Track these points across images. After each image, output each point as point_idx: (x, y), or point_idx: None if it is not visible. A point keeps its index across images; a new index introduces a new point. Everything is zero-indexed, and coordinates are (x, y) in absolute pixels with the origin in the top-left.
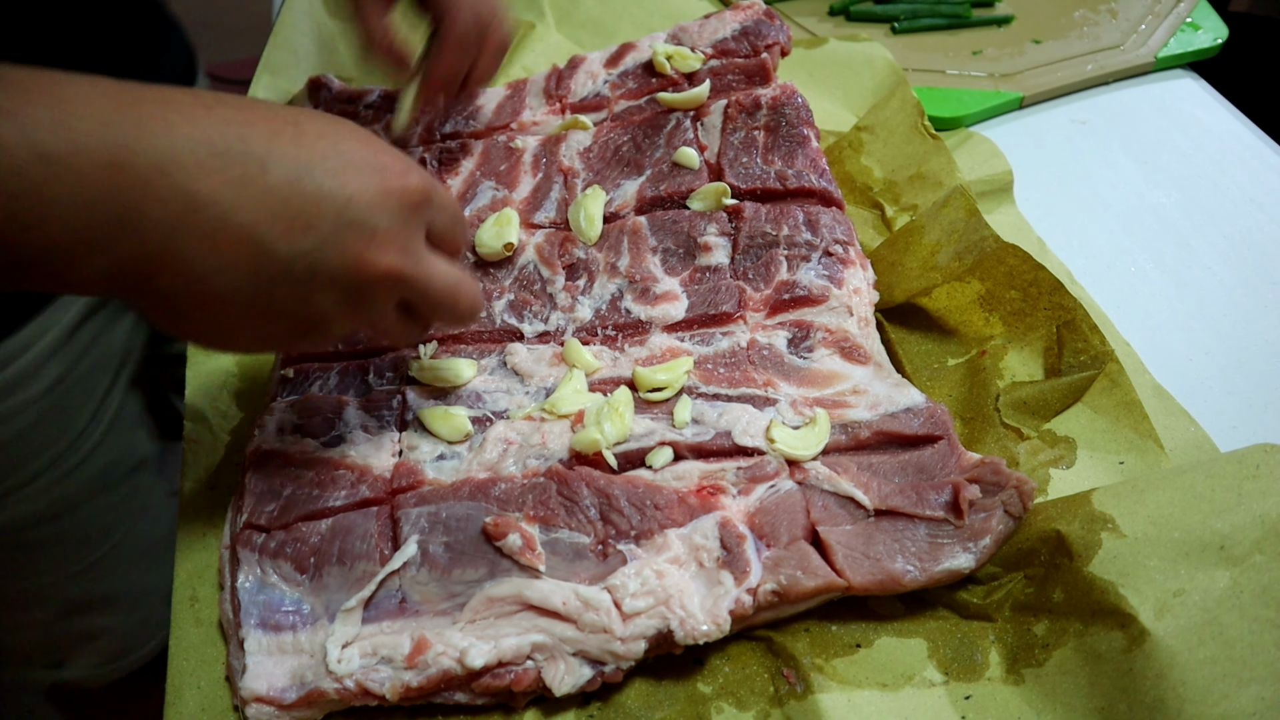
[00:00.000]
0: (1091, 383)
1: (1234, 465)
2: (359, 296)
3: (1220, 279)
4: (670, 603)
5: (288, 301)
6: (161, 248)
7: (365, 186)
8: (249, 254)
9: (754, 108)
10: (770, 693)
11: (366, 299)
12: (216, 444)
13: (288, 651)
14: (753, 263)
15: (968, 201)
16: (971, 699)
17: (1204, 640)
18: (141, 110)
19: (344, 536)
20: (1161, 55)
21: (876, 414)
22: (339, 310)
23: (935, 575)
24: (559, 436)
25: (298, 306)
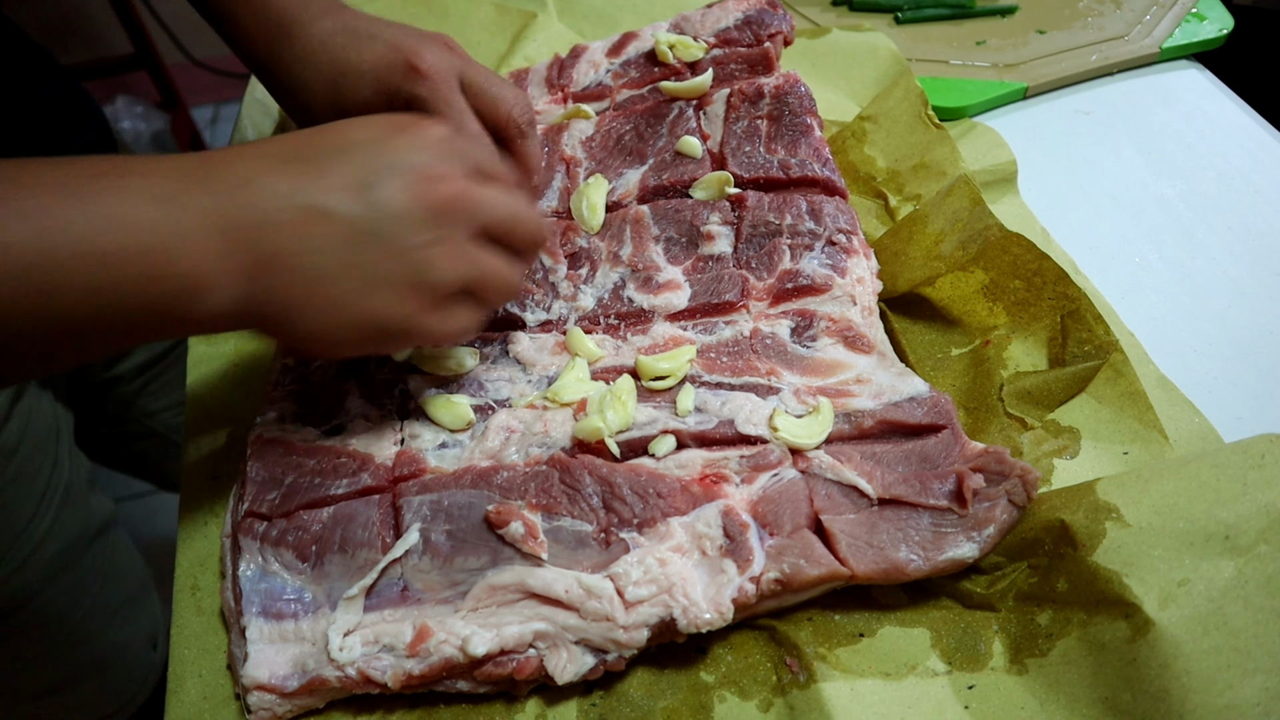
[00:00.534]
0: (1096, 373)
1: (1239, 455)
2: (436, 230)
3: (1225, 270)
4: (673, 591)
5: (380, 259)
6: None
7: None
8: (326, 224)
9: (757, 97)
10: (773, 682)
11: (445, 230)
12: (218, 433)
13: (289, 640)
14: (756, 252)
15: (972, 190)
16: (975, 689)
17: (1208, 630)
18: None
19: (346, 524)
20: (1166, 46)
21: (880, 403)
22: (427, 252)
23: (939, 564)
24: (561, 425)
25: (389, 262)
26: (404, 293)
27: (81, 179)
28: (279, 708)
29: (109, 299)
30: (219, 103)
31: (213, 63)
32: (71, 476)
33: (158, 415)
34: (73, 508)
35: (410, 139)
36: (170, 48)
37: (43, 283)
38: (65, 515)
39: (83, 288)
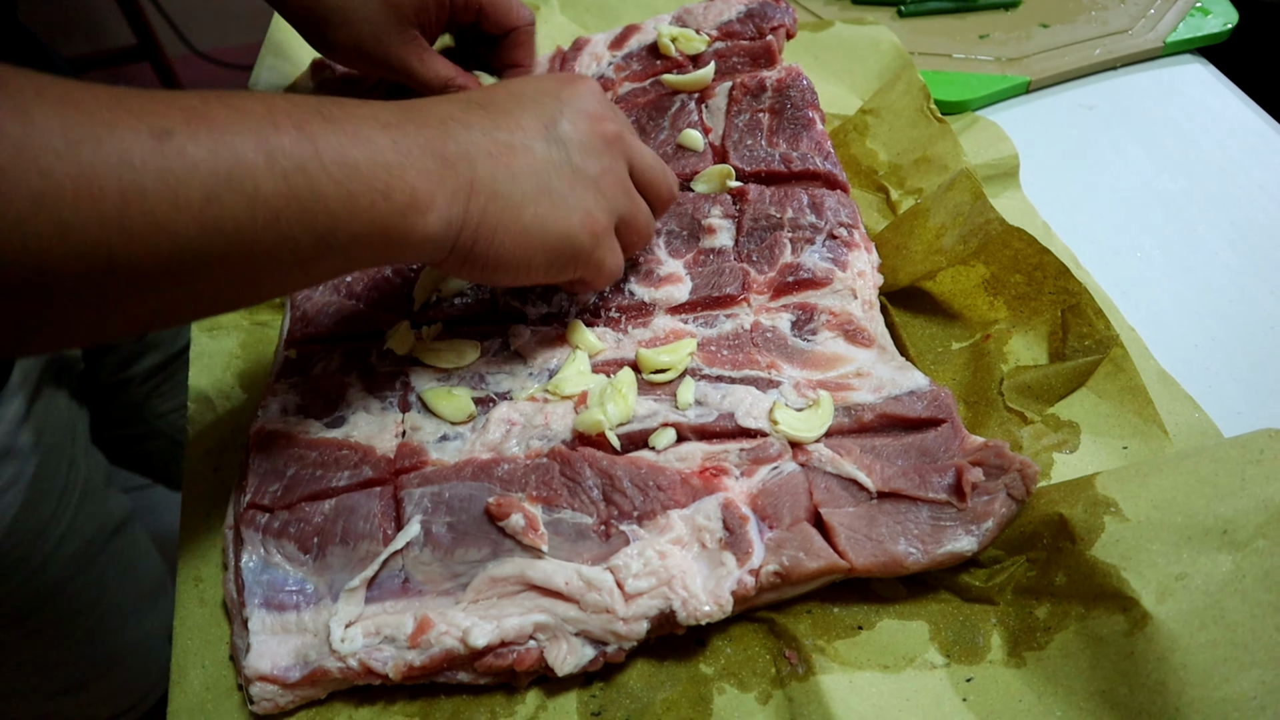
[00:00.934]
0: (1096, 367)
1: (1238, 450)
2: (607, 159)
3: (1227, 265)
4: (673, 583)
5: (564, 182)
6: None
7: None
8: (523, 156)
9: (759, 90)
10: (772, 674)
11: (611, 161)
12: (220, 425)
13: (291, 631)
14: (756, 245)
15: (973, 184)
16: (973, 681)
17: (1206, 624)
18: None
19: (347, 516)
20: (1170, 40)
21: (880, 397)
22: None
23: (937, 557)
24: (562, 417)
25: (572, 184)
26: (584, 218)
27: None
28: (281, 698)
29: (355, 207)
30: None
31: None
32: (89, 475)
33: (166, 416)
34: (91, 506)
35: (577, 89)
36: (173, 39)
37: (305, 188)
38: (83, 514)
39: (336, 197)
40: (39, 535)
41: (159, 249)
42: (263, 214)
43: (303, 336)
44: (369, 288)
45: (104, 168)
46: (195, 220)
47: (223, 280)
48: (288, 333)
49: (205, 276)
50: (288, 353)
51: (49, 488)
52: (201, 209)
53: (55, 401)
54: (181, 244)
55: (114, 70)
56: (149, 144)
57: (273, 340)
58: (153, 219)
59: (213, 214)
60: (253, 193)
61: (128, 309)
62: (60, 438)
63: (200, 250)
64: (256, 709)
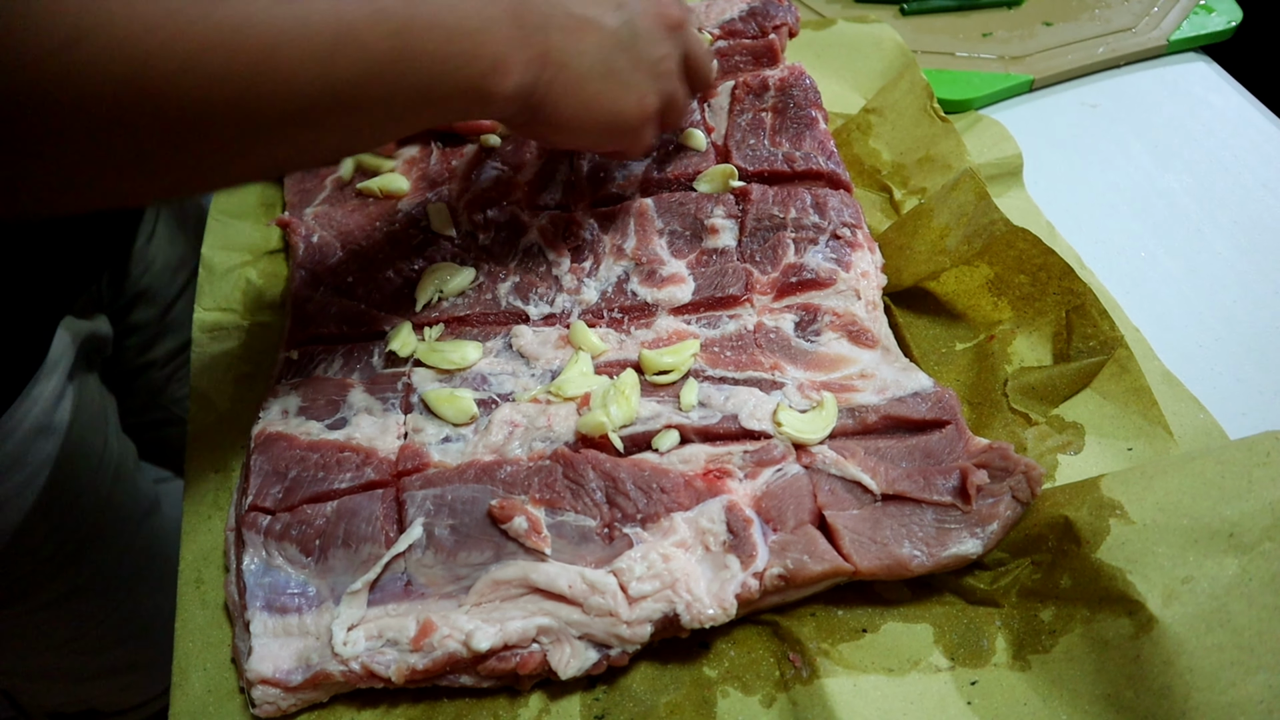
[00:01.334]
0: (1100, 368)
1: (1244, 452)
2: (668, 47)
3: (1231, 265)
4: (676, 586)
5: (626, 64)
6: (544, 47)
7: None
8: (594, 33)
9: (761, 89)
10: (776, 677)
11: (671, 49)
12: (221, 427)
13: (293, 634)
14: (760, 245)
15: (977, 184)
16: (977, 684)
17: (1212, 628)
18: None
19: (349, 519)
20: (1174, 38)
21: (884, 398)
22: (662, 65)
23: (942, 560)
24: (565, 419)
25: (634, 66)
26: (638, 100)
27: None
28: (283, 701)
29: (445, 69)
30: None
31: None
32: (121, 457)
33: (182, 402)
34: (124, 487)
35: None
36: None
37: (407, 47)
38: (117, 494)
39: (432, 55)
40: (78, 511)
41: (289, 97)
42: (374, 68)
43: (304, 337)
44: (370, 288)
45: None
46: (317, 71)
47: (340, 126)
48: (289, 334)
49: (327, 122)
50: (289, 354)
51: (86, 465)
52: (325, 60)
53: (88, 383)
54: (307, 92)
55: None
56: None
57: (273, 341)
58: (284, 70)
59: (334, 65)
60: (363, 49)
61: (268, 150)
62: (94, 417)
63: (324, 97)
64: (258, 712)
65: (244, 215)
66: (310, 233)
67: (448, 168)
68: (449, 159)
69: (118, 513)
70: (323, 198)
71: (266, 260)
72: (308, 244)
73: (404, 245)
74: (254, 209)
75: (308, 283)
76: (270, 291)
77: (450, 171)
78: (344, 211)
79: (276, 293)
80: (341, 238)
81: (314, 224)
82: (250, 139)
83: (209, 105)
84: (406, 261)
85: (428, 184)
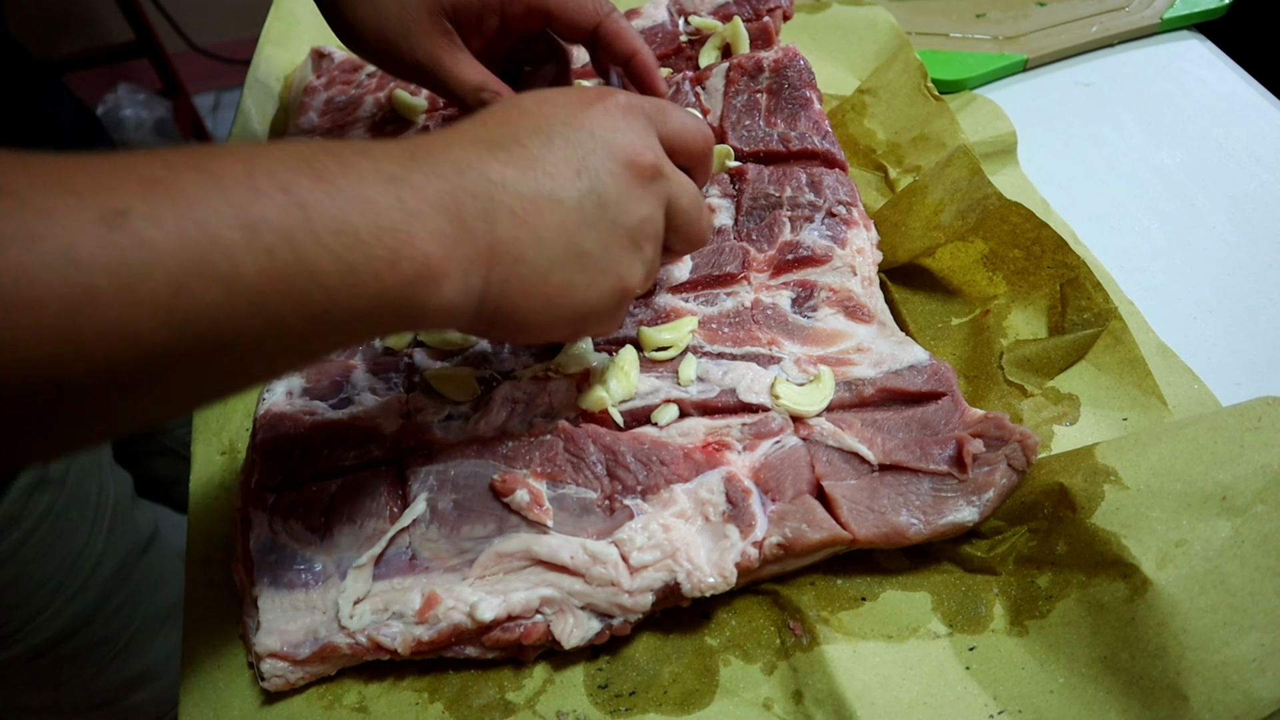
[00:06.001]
0: (1095, 340)
1: (1236, 418)
2: (642, 206)
3: (1224, 238)
4: (677, 556)
5: (597, 242)
6: (490, 240)
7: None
8: (551, 213)
9: (756, 70)
10: (776, 645)
11: (648, 202)
12: (226, 410)
13: (300, 609)
14: (756, 224)
15: (971, 160)
16: (975, 650)
17: (1205, 589)
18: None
19: (354, 495)
20: (1167, 16)
21: (880, 371)
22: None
23: (939, 528)
24: (565, 395)
25: (607, 242)
26: (614, 283)
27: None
28: (291, 675)
29: (355, 281)
30: (220, 89)
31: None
32: (117, 495)
33: (172, 432)
34: (122, 527)
35: (611, 117)
36: (171, 35)
37: (294, 265)
38: (116, 535)
39: (332, 272)
40: (77, 559)
41: (116, 357)
42: (244, 300)
43: None
44: None
45: (42, 269)
46: (160, 318)
47: (198, 378)
48: None
49: (176, 378)
50: None
51: (83, 512)
52: (168, 304)
53: None
54: (144, 347)
55: (113, 67)
56: (98, 232)
57: None
58: (106, 323)
59: (182, 308)
60: (230, 277)
61: (86, 425)
62: (87, 460)
63: (168, 351)
64: (267, 686)
65: None
66: None
67: None
68: None
69: (117, 553)
70: None
71: None
72: None
73: None
74: None
75: None
76: None
77: None
78: None
79: None
80: None
81: None
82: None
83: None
84: None
85: None
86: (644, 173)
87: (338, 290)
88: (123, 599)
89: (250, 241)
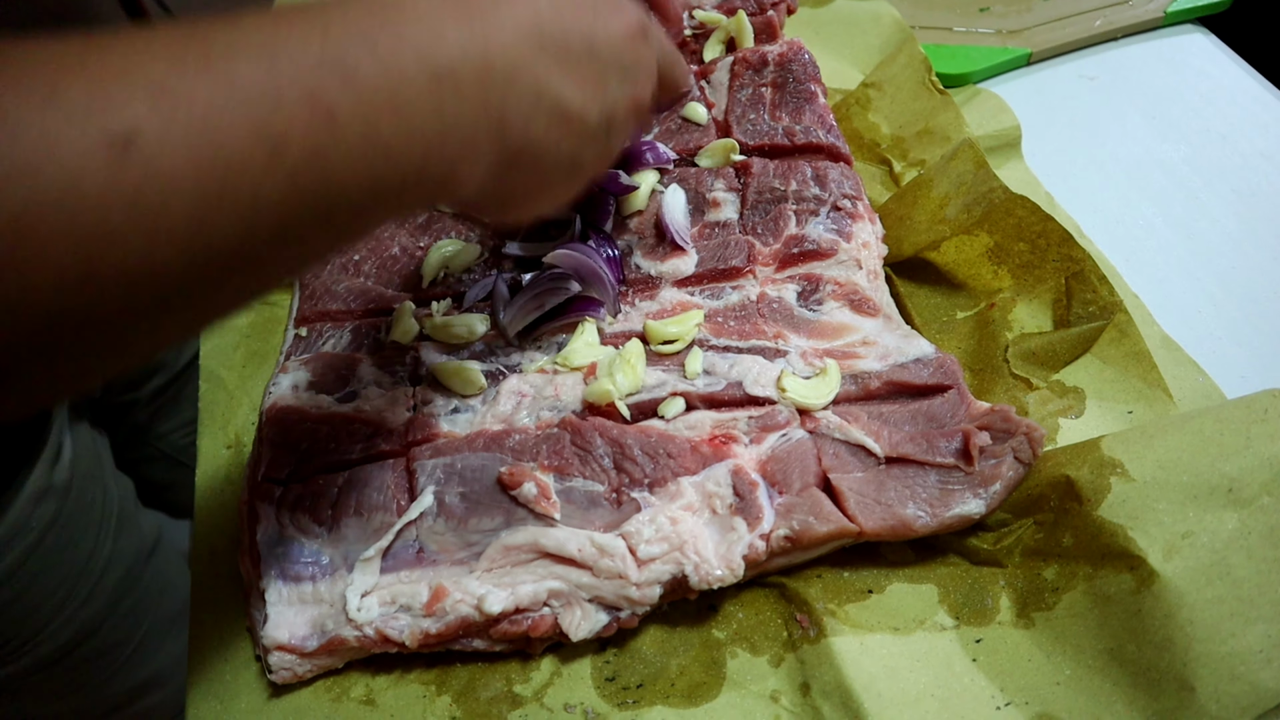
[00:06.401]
0: (1100, 333)
1: (1242, 410)
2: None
3: (1229, 232)
4: (684, 548)
5: (592, 157)
6: (520, 139)
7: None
8: (575, 127)
9: (761, 64)
10: (784, 637)
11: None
12: (232, 404)
13: (308, 601)
14: (761, 218)
15: (976, 154)
16: (982, 642)
17: (1212, 580)
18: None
19: (361, 488)
20: (1171, 10)
21: (886, 364)
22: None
23: (946, 521)
24: (572, 388)
25: (598, 157)
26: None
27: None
28: (299, 667)
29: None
30: None
31: None
32: (121, 500)
33: (167, 437)
34: (127, 531)
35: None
36: None
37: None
38: (122, 540)
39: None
40: (85, 566)
41: (133, 291)
42: (266, 225)
43: (312, 314)
44: (378, 266)
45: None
46: (178, 250)
47: (214, 301)
48: (297, 310)
49: (196, 302)
50: (298, 330)
51: (89, 519)
52: (186, 238)
53: (80, 432)
54: (161, 279)
55: None
56: (105, 160)
57: (282, 319)
58: (123, 261)
59: (202, 239)
60: (252, 203)
61: (103, 357)
62: (90, 466)
63: (187, 280)
64: (275, 678)
65: None
66: None
67: None
68: None
69: (124, 558)
70: None
71: None
72: None
73: (409, 223)
74: None
75: None
76: None
77: None
78: None
79: None
80: None
81: None
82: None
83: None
84: (412, 239)
85: None
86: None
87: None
88: (130, 604)
89: (273, 164)
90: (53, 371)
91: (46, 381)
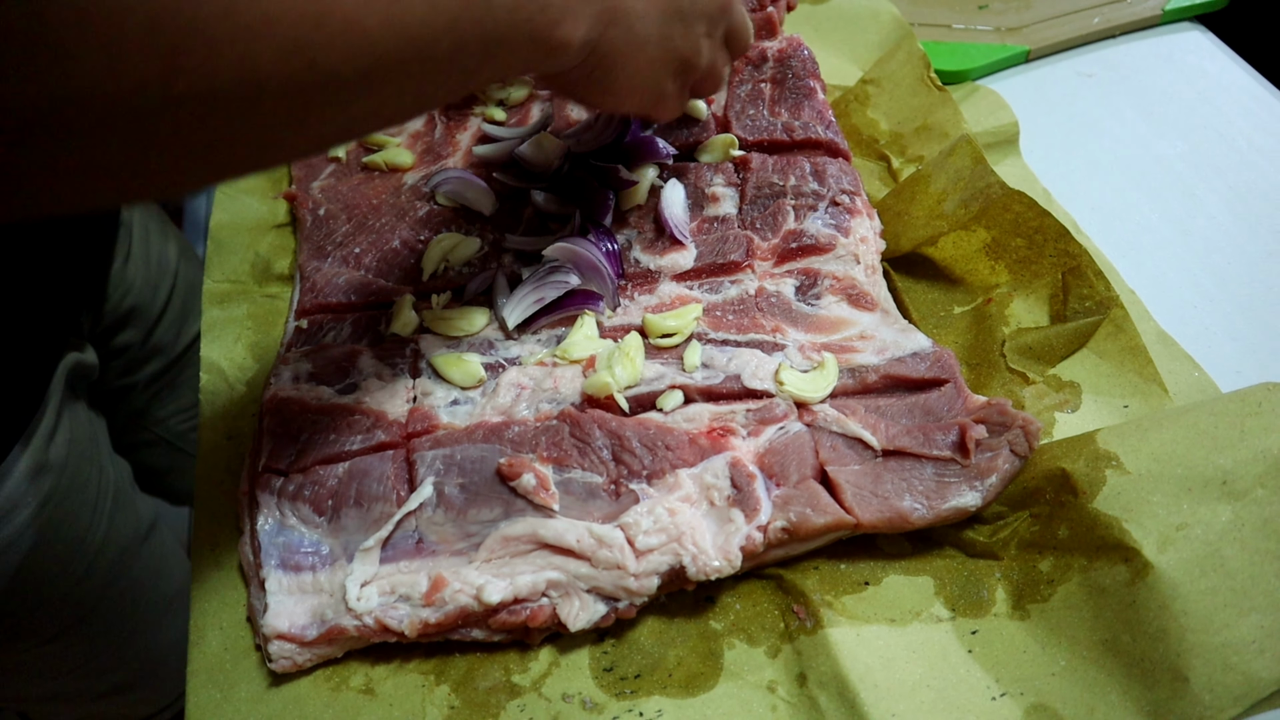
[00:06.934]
0: (1096, 328)
1: (1236, 403)
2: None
3: (1224, 228)
4: (682, 539)
5: (680, 34)
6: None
7: None
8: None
9: (760, 60)
10: (781, 629)
11: (722, 19)
12: (233, 395)
13: (308, 591)
14: (760, 213)
15: (973, 149)
16: (978, 634)
17: (1206, 572)
18: None
19: (361, 479)
20: (1169, 8)
21: (884, 358)
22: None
23: (942, 513)
24: (571, 381)
25: (685, 37)
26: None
27: None
28: (299, 656)
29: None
30: None
31: None
32: (117, 481)
33: (165, 422)
34: (123, 511)
35: None
36: None
37: None
38: (118, 519)
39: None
40: (80, 544)
41: (352, 48)
42: (442, 18)
43: (313, 307)
44: (378, 259)
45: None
46: (382, 20)
47: (404, 85)
48: (298, 303)
49: (390, 81)
50: (299, 322)
51: (84, 497)
52: (388, 9)
53: (77, 412)
54: (372, 42)
55: None
56: None
57: (282, 311)
58: (345, 16)
59: (398, 14)
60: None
61: (324, 116)
62: (87, 445)
63: (387, 52)
64: (275, 667)
65: (251, 190)
66: (317, 206)
67: (451, 141)
68: (453, 132)
69: (119, 539)
70: (329, 172)
71: (274, 234)
72: (315, 217)
73: (410, 217)
74: (260, 184)
75: (315, 255)
76: (278, 264)
77: (454, 145)
78: (350, 185)
79: (284, 265)
80: (348, 211)
81: (321, 197)
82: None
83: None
84: (413, 233)
85: (432, 157)
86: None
87: (504, 22)
88: (126, 585)
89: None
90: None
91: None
